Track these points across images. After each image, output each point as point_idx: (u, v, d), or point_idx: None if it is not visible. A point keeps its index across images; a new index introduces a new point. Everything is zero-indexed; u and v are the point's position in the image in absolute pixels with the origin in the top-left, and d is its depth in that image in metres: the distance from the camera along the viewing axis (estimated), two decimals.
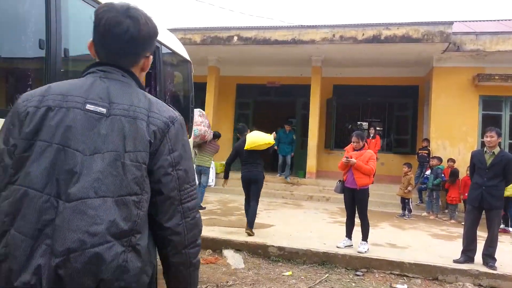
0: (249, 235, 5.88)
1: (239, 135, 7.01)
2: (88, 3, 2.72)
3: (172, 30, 9.13)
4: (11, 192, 1.08)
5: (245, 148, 6.07)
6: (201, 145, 8.06)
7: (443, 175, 8.96)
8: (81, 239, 1.01)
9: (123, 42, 1.20)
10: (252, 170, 6.12)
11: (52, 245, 1.02)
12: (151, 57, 1.34)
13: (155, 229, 1.18)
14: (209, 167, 8.23)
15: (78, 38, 2.68)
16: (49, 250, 1.02)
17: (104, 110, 1.13)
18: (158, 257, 1.23)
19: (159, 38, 3.72)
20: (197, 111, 7.74)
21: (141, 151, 1.13)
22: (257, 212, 6.27)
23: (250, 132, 6.59)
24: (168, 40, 4.09)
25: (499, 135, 5.13)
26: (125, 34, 1.19)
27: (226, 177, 6.68)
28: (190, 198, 1.22)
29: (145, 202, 1.13)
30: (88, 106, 1.13)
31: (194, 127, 7.15)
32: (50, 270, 1.01)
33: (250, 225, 5.99)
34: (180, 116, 1.26)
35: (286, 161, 11.37)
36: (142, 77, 1.35)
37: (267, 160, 9.12)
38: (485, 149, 5.23)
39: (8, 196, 1.08)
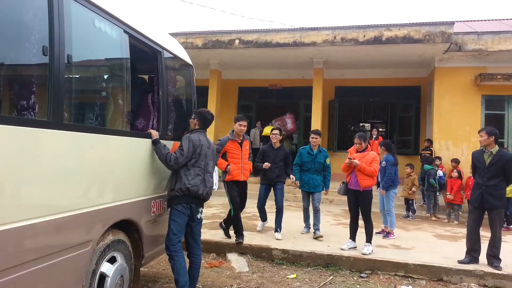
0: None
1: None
2: (90, 10, 2.75)
3: (174, 35, 9.18)
4: (195, 169, 3.74)
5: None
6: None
7: (439, 176, 9.03)
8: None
9: (211, 123, 4.07)
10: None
11: (205, 184, 3.81)
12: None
13: None
14: None
15: (81, 44, 2.71)
16: (204, 185, 3.80)
17: (210, 146, 3.93)
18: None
19: (161, 42, 3.79)
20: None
21: (214, 160, 4.11)
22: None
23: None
24: (170, 44, 4.11)
25: (489, 134, 5.08)
26: (210, 119, 4.04)
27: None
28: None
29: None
30: (206, 145, 3.89)
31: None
32: (212, 190, 4.00)
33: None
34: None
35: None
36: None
37: None
38: (484, 148, 5.23)
39: (194, 170, 3.73)
